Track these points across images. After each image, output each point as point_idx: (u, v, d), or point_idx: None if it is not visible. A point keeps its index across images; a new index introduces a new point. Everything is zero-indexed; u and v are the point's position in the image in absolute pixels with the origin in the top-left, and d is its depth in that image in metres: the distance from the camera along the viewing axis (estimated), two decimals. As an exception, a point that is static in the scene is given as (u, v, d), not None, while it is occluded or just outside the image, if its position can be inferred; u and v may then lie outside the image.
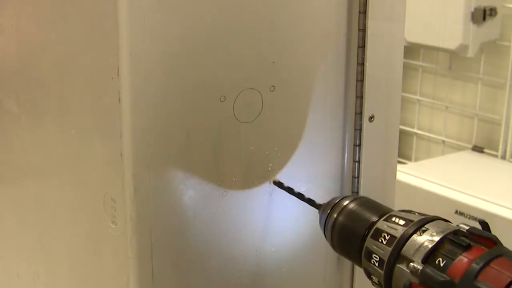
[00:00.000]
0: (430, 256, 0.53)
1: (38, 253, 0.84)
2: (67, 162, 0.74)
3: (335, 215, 0.61)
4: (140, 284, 0.66)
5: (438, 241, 0.54)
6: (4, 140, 0.86)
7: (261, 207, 0.73)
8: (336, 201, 0.62)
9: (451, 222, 0.57)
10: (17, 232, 0.89)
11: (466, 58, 1.87)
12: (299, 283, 0.78)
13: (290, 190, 0.71)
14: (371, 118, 0.76)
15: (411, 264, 0.54)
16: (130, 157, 0.63)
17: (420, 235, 0.55)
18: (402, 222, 0.57)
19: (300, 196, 0.70)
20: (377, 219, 0.59)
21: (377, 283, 0.57)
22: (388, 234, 0.57)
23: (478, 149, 1.94)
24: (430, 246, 0.53)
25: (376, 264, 0.56)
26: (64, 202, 0.77)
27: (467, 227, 0.55)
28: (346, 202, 0.62)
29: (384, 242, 0.57)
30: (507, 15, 1.83)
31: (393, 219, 0.58)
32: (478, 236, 0.53)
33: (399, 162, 1.75)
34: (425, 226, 0.55)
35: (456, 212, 1.63)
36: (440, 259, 0.53)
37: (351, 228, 0.60)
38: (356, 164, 0.76)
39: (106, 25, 0.61)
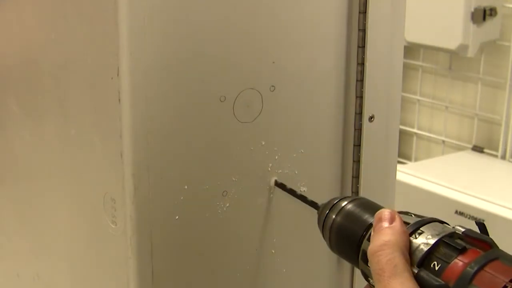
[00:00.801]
0: (425, 259, 0.53)
1: (38, 253, 0.84)
2: (67, 162, 0.74)
3: (333, 216, 0.62)
4: (140, 284, 0.66)
5: (434, 244, 0.53)
6: (4, 140, 0.86)
7: (261, 207, 0.73)
8: (335, 202, 0.63)
9: (448, 224, 0.56)
10: (17, 232, 0.89)
11: (466, 58, 1.88)
12: (299, 284, 0.78)
13: (292, 192, 0.71)
14: (371, 118, 0.76)
15: None
16: (130, 157, 0.63)
17: (416, 238, 0.54)
18: None
19: (302, 198, 0.70)
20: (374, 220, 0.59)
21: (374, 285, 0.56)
22: None
23: (478, 149, 1.94)
24: (425, 249, 0.53)
25: None
26: (64, 202, 0.77)
27: (463, 229, 0.54)
28: (344, 203, 0.62)
29: None
30: (507, 15, 1.84)
31: None
32: (473, 239, 0.53)
33: (399, 162, 1.75)
34: (421, 228, 0.55)
35: (456, 212, 1.63)
36: (435, 262, 0.52)
37: (348, 229, 0.60)
38: (356, 164, 0.76)
39: (106, 25, 0.61)
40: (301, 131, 0.73)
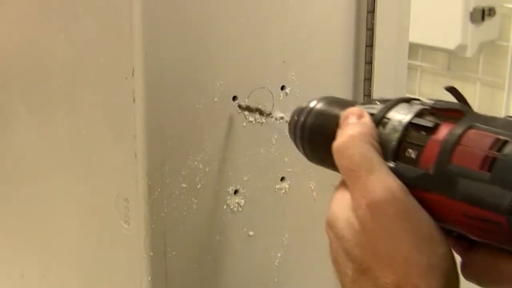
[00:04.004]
0: (399, 150, 0.46)
1: (45, 254, 0.84)
2: (76, 163, 0.74)
3: (303, 119, 0.54)
4: (153, 284, 0.66)
5: (403, 131, 0.47)
6: (10, 140, 0.86)
7: (271, 206, 0.73)
8: (303, 106, 0.55)
9: (418, 99, 0.49)
10: (22, 232, 0.88)
11: (465, 58, 1.88)
12: (307, 283, 0.78)
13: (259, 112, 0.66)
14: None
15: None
16: (144, 157, 0.63)
17: (384, 128, 0.48)
18: None
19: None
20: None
21: None
22: None
23: (477, 148, 1.94)
24: (395, 139, 0.47)
25: None
26: (73, 202, 0.77)
27: (431, 102, 0.48)
28: (313, 103, 0.54)
29: None
30: (506, 15, 1.84)
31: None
32: (444, 110, 0.47)
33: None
34: (386, 116, 0.48)
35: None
36: (410, 149, 0.46)
37: (321, 128, 0.52)
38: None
39: (120, 25, 0.61)
40: (311, 130, 0.73)
